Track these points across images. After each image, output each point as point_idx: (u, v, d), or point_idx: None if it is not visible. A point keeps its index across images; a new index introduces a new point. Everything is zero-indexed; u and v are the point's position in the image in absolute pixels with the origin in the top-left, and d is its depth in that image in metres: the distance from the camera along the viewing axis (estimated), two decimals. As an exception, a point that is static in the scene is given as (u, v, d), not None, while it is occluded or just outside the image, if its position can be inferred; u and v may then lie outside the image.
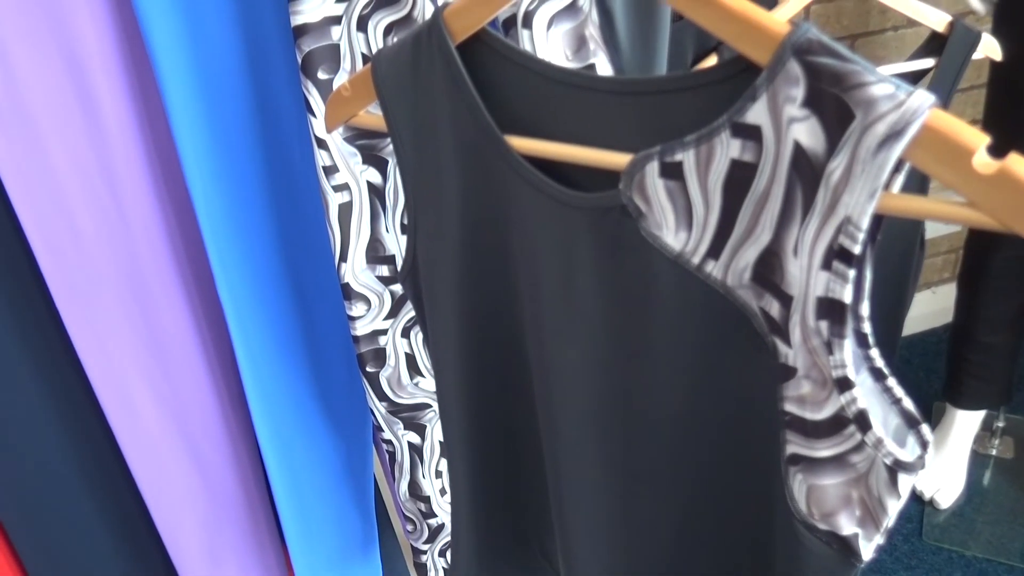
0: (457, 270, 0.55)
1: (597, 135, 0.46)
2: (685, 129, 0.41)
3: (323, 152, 0.72)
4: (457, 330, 0.58)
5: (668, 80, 0.42)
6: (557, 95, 0.47)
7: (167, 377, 0.86)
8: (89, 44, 0.71)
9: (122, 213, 0.77)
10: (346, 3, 0.68)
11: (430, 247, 0.56)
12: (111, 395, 0.85)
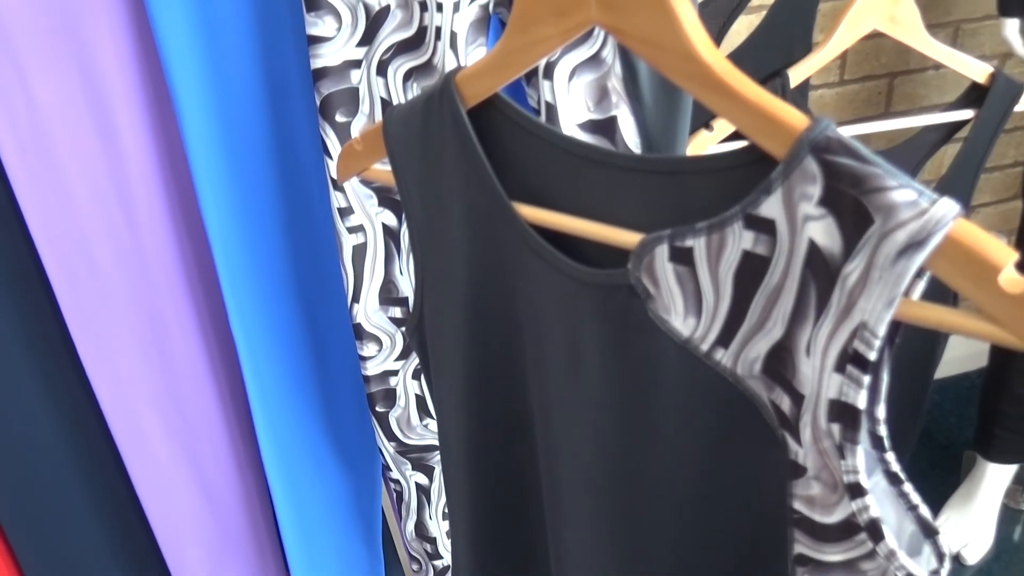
0: (462, 331, 0.54)
1: (607, 210, 0.44)
2: (697, 212, 0.39)
3: (339, 194, 0.72)
4: (461, 388, 0.57)
5: (681, 161, 0.40)
6: (568, 166, 0.45)
7: (178, 407, 0.86)
8: (111, 75, 0.71)
9: (138, 243, 0.78)
10: (366, 47, 0.67)
11: (436, 306, 0.55)
12: (121, 422, 0.85)
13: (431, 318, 0.56)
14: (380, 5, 0.65)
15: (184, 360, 0.83)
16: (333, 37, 0.66)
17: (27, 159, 0.71)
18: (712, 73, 0.36)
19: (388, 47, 0.67)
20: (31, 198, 0.73)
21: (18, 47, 0.68)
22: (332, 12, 0.65)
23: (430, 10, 0.64)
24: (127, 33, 0.70)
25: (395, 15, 0.66)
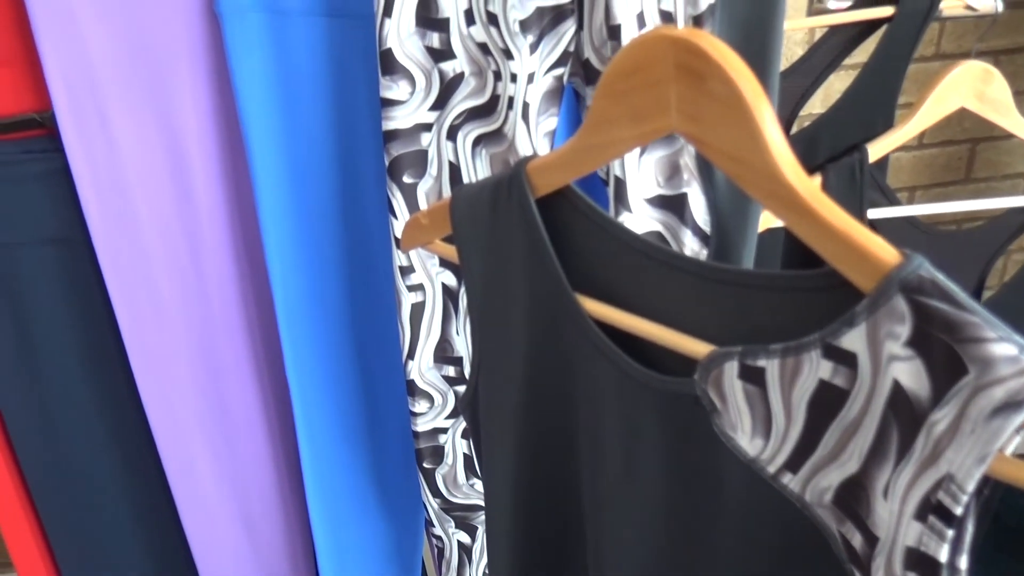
0: (517, 414, 0.53)
1: (673, 313, 0.43)
2: (769, 330, 0.38)
3: (401, 253, 0.72)
4: (511, 469, 0.56)
5: (756, 276, 0.39)
6: (636, 264, 0.44)
7: (230, 446, 0.87)
8: (188, 124, 0.73)
9: (202, 286, 0.79)
10: (438, 112, 0.67)
11: (492, 385, 0.54)
12: (174, 456, 0.86)
13: (486, 396, 0.55)
14: (454, 72, 0.65)
15: (239, 401, 0.84)
16: (406, 101, 0.66)
17: (102, 198, 0.73)
18: (796, 195, 0.34)
19: (460, 113, 0.67)
20: (103, 234, 0.75)
21: (104, 95, 0.70)
22: (407, 77, 0.65)
23: (504, 80, 0.64)
24: (207, 86, 0.72)
25: (468, 82, 0.66)
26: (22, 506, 0.88)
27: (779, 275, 0.38)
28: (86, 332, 0.81)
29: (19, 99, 0.72)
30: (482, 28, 0.63)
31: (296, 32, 0.69)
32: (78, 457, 0.86)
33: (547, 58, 0.64)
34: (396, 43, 0.64)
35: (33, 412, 0.83)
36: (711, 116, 0.36)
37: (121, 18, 0.67)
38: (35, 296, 0.78)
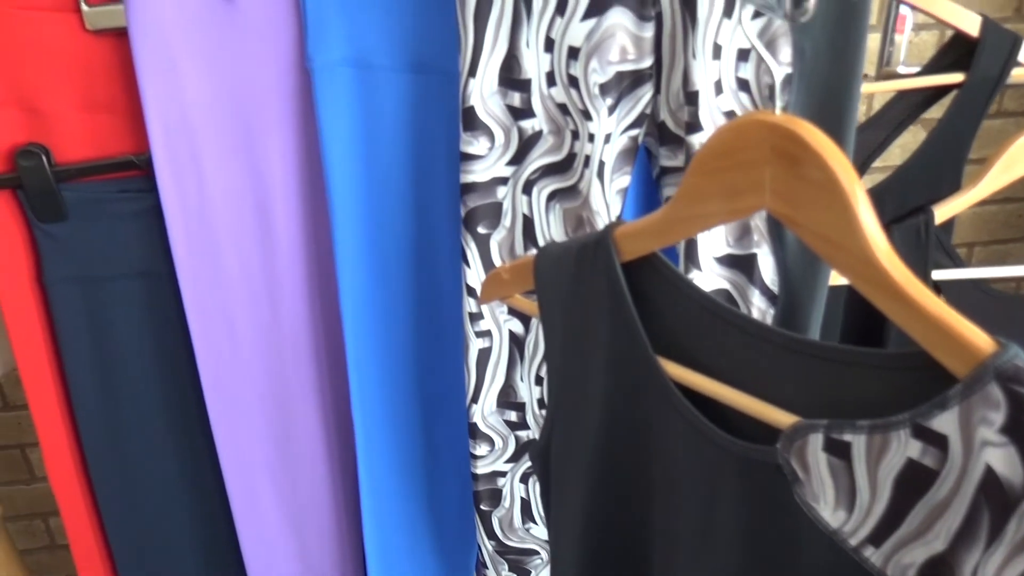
0: (590, 471, 0.54)
1: (755, 381, 0.44)
2: (857, 406, 0.39)
3: (471, 299, 0.74)
4: (580, 523, 0.57)
5: (845, 352, 0.40)
6: (719, 332, 0.45)
7: (290, 477, 0.89)
8: (274, 170, 0.76)
9: (277, 324, 0.82)
10: (515, 167, 0.69)
11: (566, 439, 0.56)
12: (237, 484, 0.88)
13: (559, 449, 0.57)
14: (533, 130, 0.68)
15: (303, 434, 0.87)
16: (485, 156, 0.69)
17: (190, 236, 0.77)
18: (890, 280, 0.35)
19: (536, 168, 0.69)
20: (188, 270, 0.78)
21: (198, 140, 0.74)
22: (487, 133, 0.68)
23: (581, 139, 0.66)
24: (293, 134, 0.75)
25: (546, 140, 0.68)
26: (90, 519, 0.91)
27: (868, 353, 0.39)
28: (163, 359, 0.84)
29: (119, 142, 0.76)
30: (563, 89, 0.66)
31: (382, 86, 0.72)
32: (146, 475, 0.89)
33: (624, 119, 0.66)
34: (479, 101, 0.66)
35: (109, 431, 0.86)
36: (805, 199, 0.37)
37: (219, 70, 0.72)
38: (119, 324, 0.82)
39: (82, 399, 0.84)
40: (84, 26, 0.71)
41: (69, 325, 0.80)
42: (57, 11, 0.71)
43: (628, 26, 0.62)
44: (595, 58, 0.63)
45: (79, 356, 0.82)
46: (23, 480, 1.40)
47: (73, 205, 0.76)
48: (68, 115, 0.74)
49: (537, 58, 0.65)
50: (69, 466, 0.88)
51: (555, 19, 0.63)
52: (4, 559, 1.09)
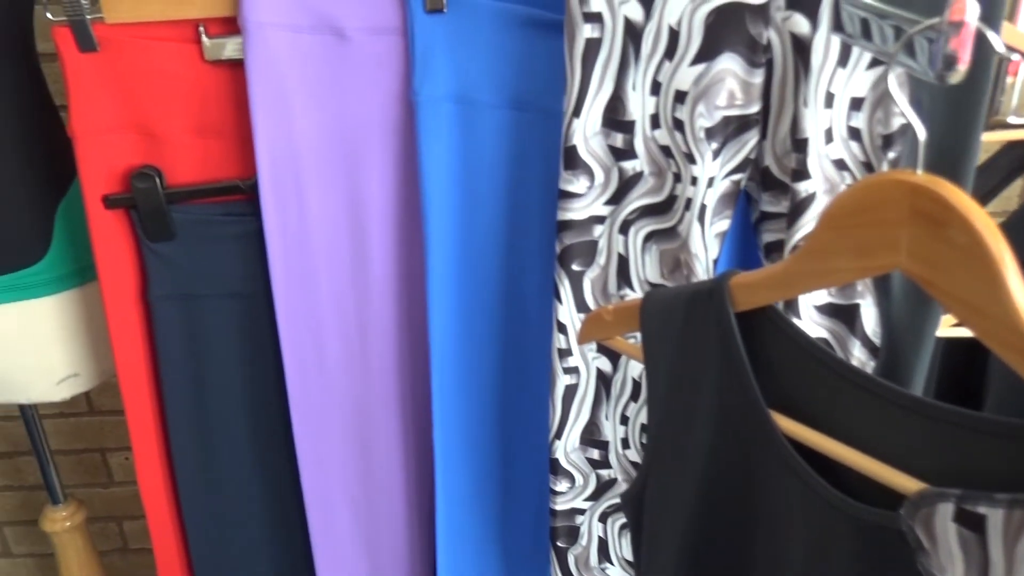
0: (688, 520, 0.53)
1: (876, 442, 0.43)
2: (989, 476, 0.37)
3: (561, 335, 0.74)
4: (673, 573, 0.56)
5: (977, 420, 0.39)
6: (836, 388, 0.44)
7: (367, 500, 0.90)
8: (373, 201, 0.78)
9: (365, 350, 0.83)
10: (613, 206, 0.70)
11: (663, 487, 0.55)
12: (317, 506, 0.90)
13: (655, 496, 0.56)
14: (634, 171, 0.68)
15: (383, 459, 0.88)
16: (584, 194, 0.69)
17: (288, 260, 0.79)
18: (1040, 351, 0.34)
19: (634, 209, 0.69)
20: (284, 292, 0.80)
21: (302, 167, 0.76)
22: (587, 172, 0.68)
23: (683, 181, 0.66)
24: (393, 165, 0.77)
25: (647, 181, 0.68)
26: (173, 526, 0.94)
27: (1005, 422, 0.37)
28: (254, 377, 0.87)
29: (226, 166, 0.79)
30: (667, 132, 0.66)
31: (483, 122, 0.73)
32: (229, 487, 0.91)
33: (728, 163, 0.66)
34: (581, 141, 0.67)
35: (198, 443, 0.89)
36: (948, 262, 0.36)
37: (327, 102, 0.74)
38: (215, 342, 0.84)
39: (175, 410, 0.87)
40: (203, 56, 0.74)
41: (168, 340, 0.83)
42: (179, 42, 0.74)
43: (738, 72, 0.62)
44: (702, 102, 0.63)
45: (175, 370, 0.85)
46: (101, 483, 1.45)
47: (181, 226, 0.79)
48: (181, 139, 0.78)
49: (643, 100, 0.65)
50: (158, 474, 0.91)
51: (663, 63, 0.64)
52: (85, 560, 1.13)
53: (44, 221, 0.83)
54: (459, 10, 0.70)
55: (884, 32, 0.47)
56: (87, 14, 0.71)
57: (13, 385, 0.89)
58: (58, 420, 1.37)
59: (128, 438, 1.38)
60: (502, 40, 0.71)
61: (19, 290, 0.84)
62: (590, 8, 0.63)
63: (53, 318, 0.87)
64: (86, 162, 0.76)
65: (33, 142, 0.82)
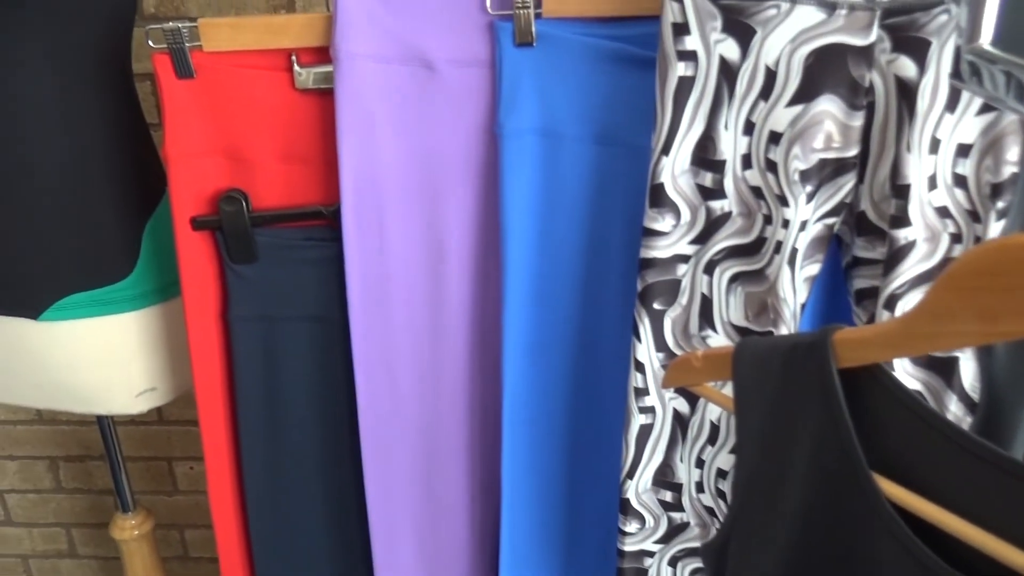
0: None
1: (989, 514, 0.40)
2: None
3: (638, 374, 0.73)
4: (758, 631, 0.54)
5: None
6: (944, 451, 0.42)
7: (431, 529, 0.90)
8: (451, 231, 0.78)
9: (437, 378, 0.83)
10: (699, 246, 0.68)
11: (749, 542, 0.53)
12: (381, 531, 0.90)
13: (739, 550, 0.54)
14: (722, 211, 0.66)
15: (450, 489, 0.87)
16: (669, 233, 0.68)
17: (366, 285, 0.79)
18: None
19: (721, 249, 0.68)
20: (361, 317, 0.81)
21: (384, 196, 0.77)
22: (674, 211, 0.67)
23: (774, 224, 0.64)
24: (473, 196, 0.77)
25: (735, 221, 0.67)
26: (240, 539, 0.95)
27: None
28: (326, 399, 0.87)
29: (309, 192, 0.80)
30: (758, 173, 0.64)
31: (567, 156, 0.73)
32: (296, 504, 0.92)
33: (821, 207, 0.64)
34: (669, 179, 0.66)
35: (268, 460, 0.90)
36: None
37: (413, 132, 0.74)
38: (290, 362, 0.85)
39: (247, 427, 0.88)
40: (293, 84, 0.76)
41: (245, 359, 0.85)
42: (271, 70, 0.76)
43: (837, 114, 0.60)
44: (798, 144, 0.61)
45: (250, 388, 0.86)
46: (166, 491, 1.48)
47: (263, 248, 0.80)
48: (268, 164, 0.79)
49: (735, 140, 0.64)
50: (227, 487, 0.92)
51: (758, 103, 0.62)
52: (150, 567, 1.15)
53: (132, 239, 0.86)
54: (548, 45, 0.70)
55: (995, 78, 0.45)
56: (186, 42, 0.73)
57: (94, 397, 0.91)
58: (128, 427, 1.40)
59: (194, 448, 1.43)
60: (590, 75, 0.71)
61: (105, 305, 0.86)
62: (685, 46, 0.62)
63: (135, 333, 0.89)
64: (177, 184, 0.78)
65: (126, 162, 0.84)
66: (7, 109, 0.76)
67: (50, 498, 1.50)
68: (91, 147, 0.81)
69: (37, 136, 0.78)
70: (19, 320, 0.86)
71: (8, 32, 0.73)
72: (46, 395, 0.92)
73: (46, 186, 0.80)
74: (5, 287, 0.84)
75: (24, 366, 0.90)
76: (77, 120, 0.80)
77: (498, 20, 0.70)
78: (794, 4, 0.58)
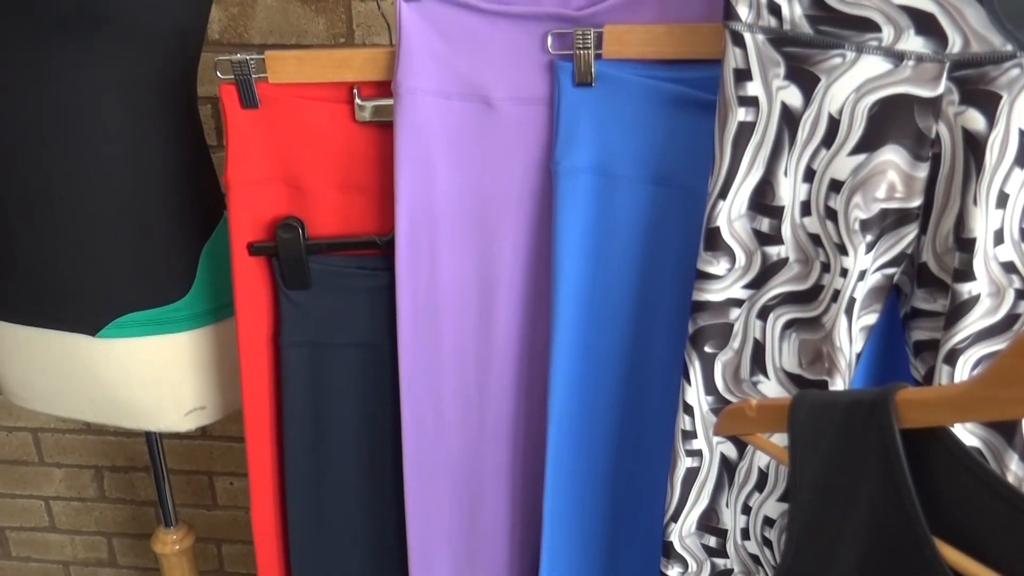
0: (830, 640, 0.50)
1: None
2: None
3: (687, 417, 0.72)
4: None
5: None
6: (1010, 521, 0.41)
7: (470, 564, 0.89)
8: (503, 265, 0.78)
9: (482, 412, 0.83)
10: (753, 291, 0.68)
11: (802, 599, 0.52)
12: (419, 557, 0.90)
13: (791, 607, 0.53)
14: (779, 257, 0.66)
15: (490, 524, 0.87)
16: (723, 276, 0.67)
17: (416, 315, 0.80)
18: None
19: (776, 295, 0.67)
20: (410, 346, 0.81)
21: (438, 227, 0.77)
22: (729, 255, 0.66)
23: (832, 272, 0.64)
24: (526, 232, 0.77)
25: (792, 268, 0.66)
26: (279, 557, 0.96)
27: None
28: (372, 426, 0.88)
29: (364, 221, 0.82)
30: (817, 220, 0.64)
31: (621, 195, 0.73)
32: (336, 528, 0.93)
33: (881, 257, 0.63)
34: (725, 223, 0.66)
35: (311, 483, 0.90)
36: None
37: (469, 167, 0.75)
38: (338, 388, 0.86)
39: (293, 449, 0.89)
40: (354, 116, 0.77)
41: (294, 383, 0.86)
42: (332, 102, 0.77)
43: (900, 164, 0.60)
44: (859, 193, 0.61)
45: (298, 411, 0.87)
46: (205, 506, 1.50)
47: (317, 275, 0.82)
48: (325, 193, 0.80)
49: (794, 187, 0.63)
50: (270, 507, 0.93)
51: (820, 150, 0.62)
52: (189, 582, 1.17)
53: (190, 261, 0.88)
54: (607, 85, 0.70)
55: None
56: (253, 74, 0.75)
57: (145, 414, 0.93)
58: (172, 441, 1.43)
59: (235, 464, 1.44)
60: (647, 116, 0.71)
61: (161, 324, 0.88)
62: (746, 92, 0.62)
63: (188, 352, 0.91)
64: (236, 210, 0.80)
65: (187, 186, 0.87)
66: (79, 134, 0.79)
67: (93, 507, 1.53)
68: (155, 171, 0.83)
69: (105, 160, 0.81)
70: (77, 336, 0.88)
71: (83, 60, 0.76)
72: (98, 410, 0.94)
73: (110, 209, 0.82)
74: (66, 304, 0.87)
75: (79, 381, 0.92)
76: (143, 145, 0.82)
77: (558, 60, 0.71)
78: (860, 54, 0.58)
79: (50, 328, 0.88)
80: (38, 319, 0.88)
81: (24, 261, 0.85)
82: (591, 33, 0.69)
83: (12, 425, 1.47)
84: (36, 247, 0.84)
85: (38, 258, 0.85)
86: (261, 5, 1.11)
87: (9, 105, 0.78)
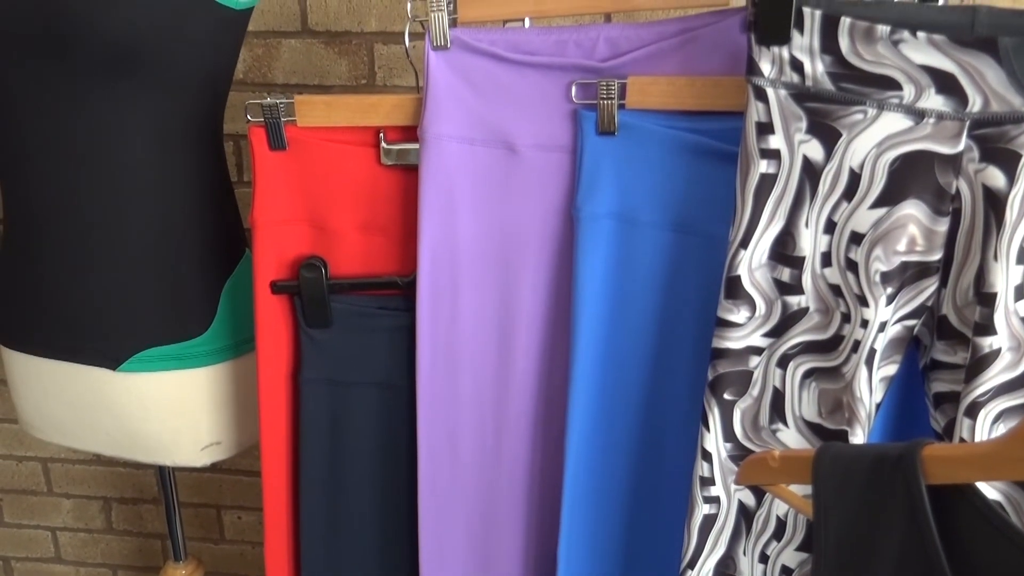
0: None
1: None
2: None
3: (705, 463, 0.72)
4: None
5: None
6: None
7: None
8: (523, 308, 0.79)
9: (499, 453, 0.83)
10: (773, 339, 0.68)
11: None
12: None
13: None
14: (799, 306, 0.66)
15: (504, 566, 0.86)
16: (743, 324, 0.68)
17: (436, 356, 0.81)
18: None
19: (796, 344, 0.68)
20: (428, 387, 0.82)
21: (459, 270, 0.78)
22: (749, 303, 0.67)
23: (853, 323, 0.64)
24: (546, 276, 0.78)
25: (812, 317, 0.67)
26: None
27: None
28: (388, 465, 0.88)
29: (386, 262, 0.83)
30: (838, 271, 0.64)
31: (642, 242, 0.74)
32: (349, 565, 0.92)
33: (902, 309, 0.64)
34: (746, 272, 0.66)
35: (326, 519, 0.90)
36: None
37: (491, 211, 0.76)
38: (355, 426, 0.87)
39: (309, 486, 0.89)
40: (379, 160, 0.79)
41: (312, 420, 0.86)
42: (359, 145, 0.79)
43: (921, 219, 0.61)
44: (880, 246, 0.61)
45: (315, 448, 0.87)
46: (212, 539, 1.49)
47: (338, 315, 0.82)
48: (348, 234, 0.82)
49: (814, 238, 0.64)
50: (283, 542, 0.93)
51: (841, 203, 0.63)
52: (197, 616, 1.16)
53: (212, 297, 0.89)
54: (630, 134, 0.72)
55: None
56: (282, 117, 0.77)
57: (161, 448, 0.93)
58: (182, 473, 1.42)
59: (244, 498, 1.44)
60: (669, 164, 0.72)
61: (181, 359, 0.89)
62: (768, 145, 0.63)
63: (206, 388, 0.91)
64: (261, 249, 0.81)
65: (211, 223, 0.88)
66: (109, 173, 0.81)
67: (100, 538, 1.52)
68: (181, 209, 0.85)
69: (132, 198, 0.82)
70: (98, 370, 0.89)
71: (118, 101, 0.78)
72: (114, 443, 0.94)
73: (135, 245, 0.83)
74: (88, 338, 0.88)
75: (97, 414, 0.92)
76: (170, 183, 0.84)
77: (582, 109, 0.72)
78: (881, 110, 0.59)
79: (70, 361, 0.89)
80: (59, 352, 0.89)
81: (48, 294, 0.87)
82: (615, 84, 0.70)
83: (23, 455, 1.47)
84: (61, 281, 0.85)
85: (62, 291, 0.86)
86: (285, 47, 1.13)
87: (43, 143, 0.80)
